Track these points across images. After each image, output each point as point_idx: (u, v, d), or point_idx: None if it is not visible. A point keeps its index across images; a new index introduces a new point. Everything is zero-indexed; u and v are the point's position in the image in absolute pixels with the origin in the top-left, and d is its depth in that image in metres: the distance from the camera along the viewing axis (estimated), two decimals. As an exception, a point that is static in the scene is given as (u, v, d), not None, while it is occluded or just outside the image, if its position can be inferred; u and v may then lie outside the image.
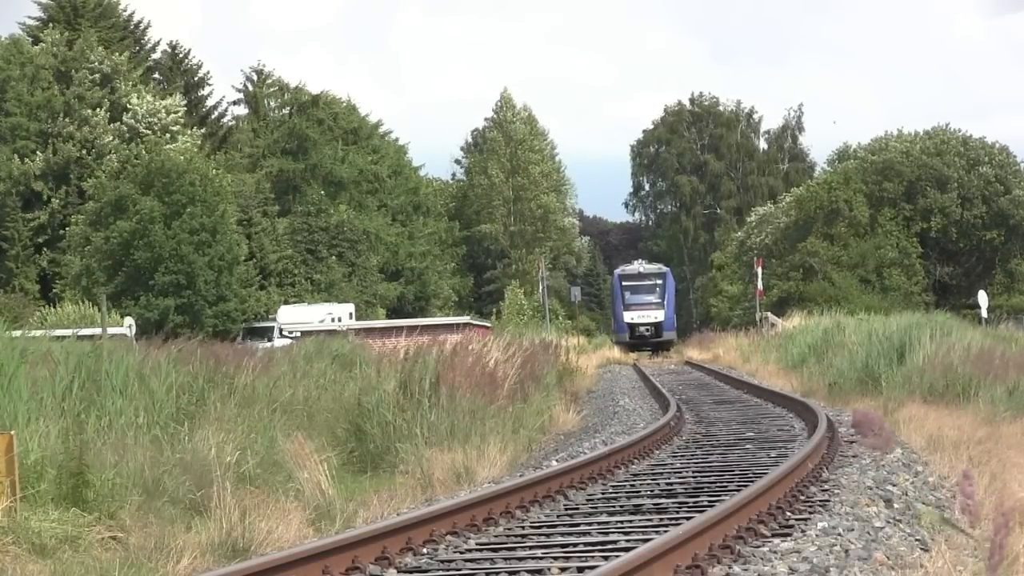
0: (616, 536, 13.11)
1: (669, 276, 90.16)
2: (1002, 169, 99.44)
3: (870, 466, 18.36)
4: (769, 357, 53.93)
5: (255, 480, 17.41)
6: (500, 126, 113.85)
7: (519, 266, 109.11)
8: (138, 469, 15.69)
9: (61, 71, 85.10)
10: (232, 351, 30.74)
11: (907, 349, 37.09)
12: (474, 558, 12.39)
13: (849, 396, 33.47)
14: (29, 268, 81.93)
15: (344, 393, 25.57)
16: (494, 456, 21.32)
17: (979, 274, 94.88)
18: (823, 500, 15.25)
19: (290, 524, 15.23)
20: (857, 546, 12.34)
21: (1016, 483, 15.08)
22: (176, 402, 20.21)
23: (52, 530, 13.23)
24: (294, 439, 20.52)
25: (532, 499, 15.72)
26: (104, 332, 40.82)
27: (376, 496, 17.87)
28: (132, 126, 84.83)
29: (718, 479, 17.48)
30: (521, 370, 32.98)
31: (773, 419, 27.83)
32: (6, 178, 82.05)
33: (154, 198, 74.71)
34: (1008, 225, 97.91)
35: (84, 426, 15.87)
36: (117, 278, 73.70)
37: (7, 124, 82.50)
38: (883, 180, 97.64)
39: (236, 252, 77.61)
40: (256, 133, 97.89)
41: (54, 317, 61.72)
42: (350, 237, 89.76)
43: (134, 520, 14.41)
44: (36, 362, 18.40)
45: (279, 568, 10.83)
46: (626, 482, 17.86)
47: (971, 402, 26.82)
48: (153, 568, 12.57)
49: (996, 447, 18.05)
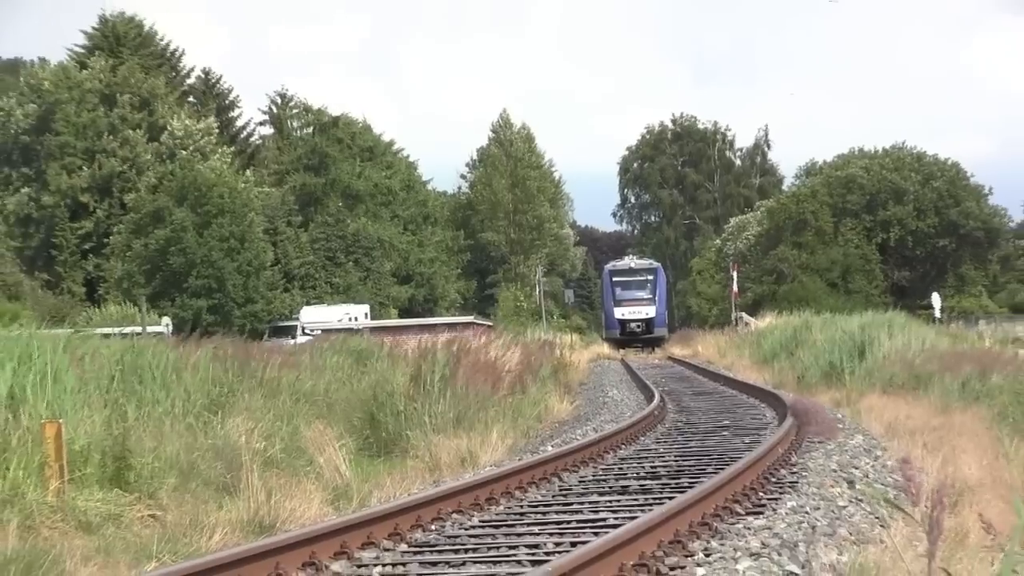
0: (605, 514, 13.12)
1: (660, 271, 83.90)
2: (953, 184, 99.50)
3: (834, 451, 18.40)
4: (744, 353, 53.94)
5: (280, 464, 17.42)
6: (501, 144, 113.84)
7: (518, 271, 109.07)
8: (175, 454, 15.70)
9: (105, 94, 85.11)
10: (259, 348, 30.77)
11: (868, 346, 37.15)
12: (477, 534, 12.41)
13: (816, 388, 33.50)
14: (76, 272, 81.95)
15: (360, 385, 25.60)
16: (495, 442, 21.33)
17: (932, 278, 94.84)
18: (792, 482, 15.27)
19: (311, 503, 15.23)
20: (823, 523, 12.35)
21: (966, 466, 15.09)
22: (209, 393, 20.21)
23: (97, 509, 13.23)
24: (315, 427, 20.55)
25: (530, 481, 15.74)
26: (143, 330, 40.81)
27: (389, 478, 17.88)
28: (169, 145, 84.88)
29: (697, 463, 17.50)
30: (520, 364, 33.03)
31: (747, 409, 27.86)
32: (55, 191, 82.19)
33: (187, 209, 74.82)
34: (958, 234, 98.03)
35: (126, 415, 15.87)
36: (155, 281, 73.79)
37: (56, 142, 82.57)
38: (846, 193, 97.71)
39: (263, 258, 77.70)
40: (281, 151, 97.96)
41: (99, 317, 61.64)
42: (365, 245, 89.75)
43: (171, 500, 14.42)
44: (83, 357, 18.40)
45: (302, 543, 10.84)
46: (614, 465, 17.88)
47: (926, 393, 26.83)
48: (188, 543, 12.57)
49: (948, 434, 18.06)
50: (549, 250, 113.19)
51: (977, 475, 14.66)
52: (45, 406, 14.86)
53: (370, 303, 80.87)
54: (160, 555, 11.85)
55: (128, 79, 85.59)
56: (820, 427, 21.12)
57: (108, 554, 11.93)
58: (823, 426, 21.19)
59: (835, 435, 20.47)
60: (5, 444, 13.28)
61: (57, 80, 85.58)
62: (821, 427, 21.12)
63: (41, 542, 11.73)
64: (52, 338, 18.15)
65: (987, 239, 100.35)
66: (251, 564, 10.02)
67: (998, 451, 15.49)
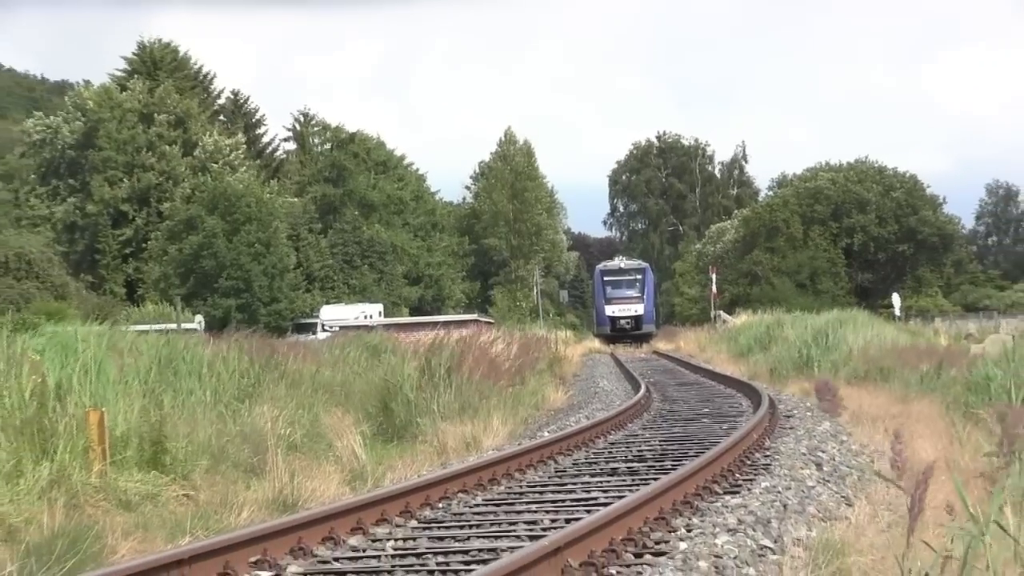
0: (597, 494, 13.12)
1: (649, 271, 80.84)
2: (911, 194, 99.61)
3: (804, 436, 18.37)
4: (722, 348, 53.85)
5: (302, 448, 17.43)
6: (503, 159, 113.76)
7: (517, 273, 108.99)
8: (206, 439, 15.70)
9: (144, 113, 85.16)
10: (283, 343, 30.78)
11: (835, 341, 37.13)
12: (481, 511, 12.41)
13: (787, 379, 33.43)
14: (117, 275, 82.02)
15: (374, 377, 25.56)
16: (497, 428, 21.33)
17: (892, 280, 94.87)
18: (765, 464, 15.26)
19: (330, 484, 15.23)
20: (794, 502, 12.35)
21: (922, 450, 15.07)
22: (238, 384, 20.21)
23: (136, 489, 13.24)
24: (333, 414, 20.58)
25: (528, 463, 15.75)
26: (178, 327, 40.77)
27: (400, 461, 17.88)
28: (201, 159, 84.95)
29: (680, 447, 17.49)
30: (519, 358, 33.03)
31: (725, 398, 27.83)
32: (99, 201, 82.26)
33: (218, 217, 74.87)
34: (916, 240, 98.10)
35: (162, 404, 15.87)
36: (188, 282, 73.83)
37: (99, 157, 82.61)
38: (814, 203, 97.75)
39: (286, 262, 77.72)
40: (303, 164, 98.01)
41: (138, 315, 61.57)
42: (379, 249, 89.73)
43: (203, 480, 14.42)
44: (124, 351, 18.41)
45: (322, 519, 10.85)
46: (605, 449, 17.87)
47: (887, 384, 26.79)
48: (219, 520, 12.57)
49: (907, 421, 18.04)
50: (545, 255, 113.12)
51: (932, 457, 14.64)
52: (89, 396, 14.85)
53: (383, 302, 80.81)
54: (193, 530, 11.85)
55: (164, 100, 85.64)
56: (831, 404, 20.92)
57: (146, 529, 11.94)
58: (833, 403, 21.00)
59: (839, 412, 20.36)
60: (53, 430, 13.28)
61: (100, 100, 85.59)
62: (831, 404, 20.92)
63: (85, 519, 11.73)
64: (95, 334, 18.16)
65: (942, 244, 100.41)
66: (276, 539, 10.04)
67: (952, 436, 15.47)
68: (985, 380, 18.59)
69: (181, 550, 9.36)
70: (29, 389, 13.71)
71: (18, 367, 14.32)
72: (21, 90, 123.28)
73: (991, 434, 12.84)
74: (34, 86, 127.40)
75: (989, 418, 14.02)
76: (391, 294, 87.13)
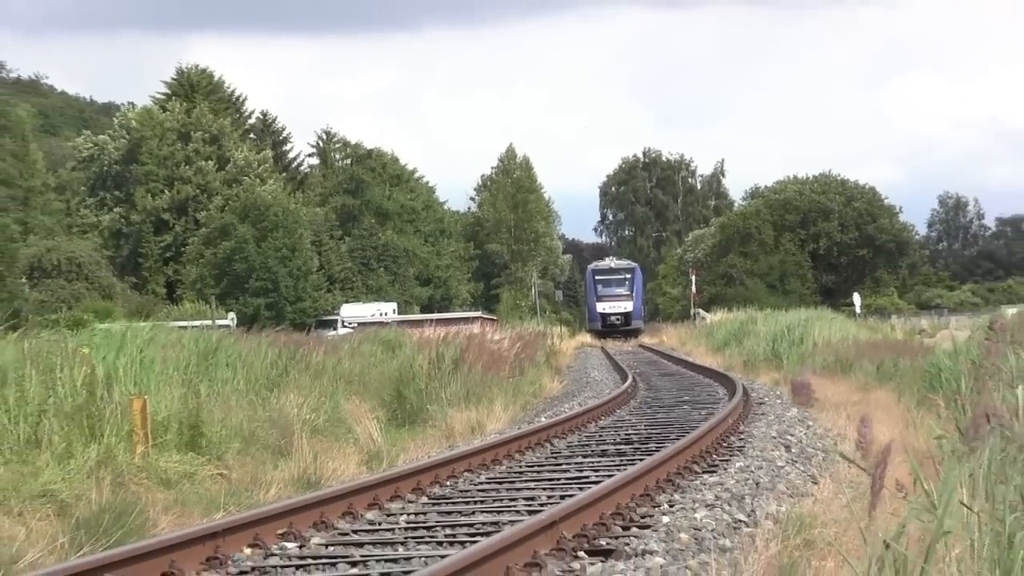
0: (588, 472, 13.11)
1: (638, 271, 79.09)
2: (870, 204, 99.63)
3: (774, 422, 18.36)
4: (701, 342, 53.83)
5: (324, 432, 17.42)
6: (505, 172, 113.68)
7: (517, 275, 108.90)
8: (239, 423, 15.69)
9: (181, 132, 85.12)
10: (307, 338, 30.75)
11: (802, 336, 37.11)
12: (484, 488, 12.41)
13: (759, 370, 33.42)
14: (158, 276, 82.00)
15: (389, 368, 25.57)
16: (499, 414, 21.34)
17: (853, 281, 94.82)
18: (740, 446, 15.26)
19: (349, 464, 15.23)
20: (765, 480, 12.35)
21: (880, 433, 15.04)
22: (267, 374, 20.19)
23: (175, 468, 13.23)
24: (352, 402, 20.56)
25: (527, 445, 15.74)
26: (213, 323, 40.74)
27: (412, 443, 17.89)
28: (233, 173, 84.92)
29: (663, 430, 17.49)
30: (519, 351, 32.99)
31: (703, 387, 27.82)
32: (141, 210, 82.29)
33: (248, 225, 74.81)
34: (874, 245, 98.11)
35: (199, 392, 15.86)
36: (222, 283, 73.77)
37: (142, 171, 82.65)
38: (784, 212, 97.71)
39: (309, 264, 77.68)
40: (325, 177, 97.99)
41: (176, 312, 61.60)
42: (393, 254, 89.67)
43: (235, 461, 14.42)
44: (165, 345, 18.39)
45: (342, 496, 10.85)
46: (596, 433, 17.87)
47: (849, 375, 26.77)
48: (249, 496, 12.57)
49: (867, 407, 18.03)
50: (542, 258, 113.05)
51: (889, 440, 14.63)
52: (134, 385, 14.86)
53: (397, 301, 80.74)
54: (227, 506, 11.85)
55: (200, 119, 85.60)
56: (804, 398, 21.05)
57: (184, 505, 11.94)
58: (805, 396, 21.12)
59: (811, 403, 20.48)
60: (101, 416, 13.28)
61: (143, 120, 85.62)
62: (804, 398, 21.04)
63: (129, 495, 11.73)
64: (140, 330, 18.15)
65: (897, 249, 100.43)
66: (301, 513, 10.04)
67: (907, 421, 15.45)
68: (937, 370, 18.54)
69: (216, 523, 9.36)
70: (80, 379, 13.71)
71: (70, 359, 14.31)
72: (72, 111, 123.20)
73: (940, 418, 12.83)
74: (83, 107, 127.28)
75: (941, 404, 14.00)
76: (404, 294, 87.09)
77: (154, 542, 8.58)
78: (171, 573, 8.21)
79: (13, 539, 9.55)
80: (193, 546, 8.63)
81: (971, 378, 12.52)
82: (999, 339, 9.06)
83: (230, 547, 8.94)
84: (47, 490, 11.36)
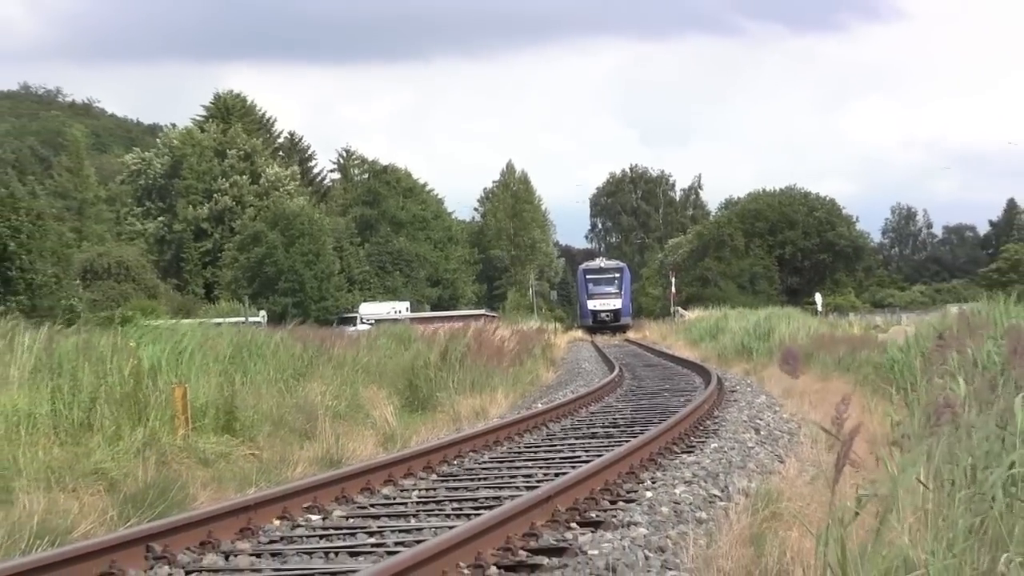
0: (580, 452, 13.10)
1: (626, 271, 76.20)
2: (830, 214, 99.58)
3: (745, 407, 18.32)
4: (679, 337, 53.72)
5: (344, 416, 17.40)
6: (505, 185, 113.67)
7: (517, 277, 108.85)
8: (269, 409, 15.69)
9: (218, 150, 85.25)
10: (330, 333, 30.73)
11: (770, 331, 37.03)
12: (487, 467, 12.39)
13: (732, 362, 33.35)
14: (198, 278, 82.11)
15: (403, 359, 25.56)
16: (500, 400, 21.33)
17: (815, 282, 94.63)
18: (714, 429, 15.24)
19: (367, 445, 15.22)
20: (737, 459, 12.34)
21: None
22: (294, 365, 20.18)
23: (212, 449, 13.23)
24: (370, 390, 20.54)
25: (525, 429, 15.73)
26: (246, 320, 40.73)
27: (424, 427, 17.86)
28: (265, 186, 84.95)
29: (646, 415, 17.46)
30: (518, 345, 32.98)
31: (682, 376, 27.80)
32: (183, 220, 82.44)
33: (278, 233, 74.86)
34: (834, 251, 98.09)
35: (234, 381, 15.86)
36: (254, 284, 73.82)
37: (183, 185, 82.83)
38: (754, 221, 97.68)
39: (332, 268, 77.74)
40: (345, 190, 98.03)
41: (213, 311, 61.61)
42: (406, 258, 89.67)
43: (266, 442, 14.41)
44: (205, 339, 18.39)
45: (360, 474, 10.84)
46: (586, 417, 17.84)
47: (811, 366, 26.69)
48: (278, 474, 12.56)
49: (827, 395, 18.00)
50: (539, 262, 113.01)
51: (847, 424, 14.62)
52: (176, 374, 14.85)
53: (410, 300, 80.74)
54: (258, 482, 11.83)
55: (235, 139, 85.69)
56: (792, 367, 20.68)
57: (220, 481, 11.93)
58: (794, 367, 20.75)
59: (799, 375, 20.14)
60: (146, 402, 13.27)
61: (184, 139, 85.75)
62: (792, 368, 20.68)
63: (171, 473, 11.73)
64: (180, 327, 18.16)
65: (854, 254, 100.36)
66: (324, 489, 10.03)
67: (863, 407, 15.44)
68: (891, 362, 18.52)
69: (248, 498, 9.35)
70: (128, 369, 13.70)
71: (120, 352, 14.31)
72: (121, 131, 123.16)
73: (893, 405, 12.81)
74: (131, 128, 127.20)
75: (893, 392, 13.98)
76: (416, 294, 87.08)
77: (194, 514, 8.57)
78: (209, 542, 8.20)
79: (68, 512, 9.55)
80: (228, 518, 8.62)
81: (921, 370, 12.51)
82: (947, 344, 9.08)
83: (261, 519, 8.93)
84: (98, 469, 11.35)
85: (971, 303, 23.47)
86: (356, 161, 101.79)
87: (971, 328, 10.48)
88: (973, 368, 7.86)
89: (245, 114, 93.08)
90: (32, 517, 8.98)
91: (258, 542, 8.47)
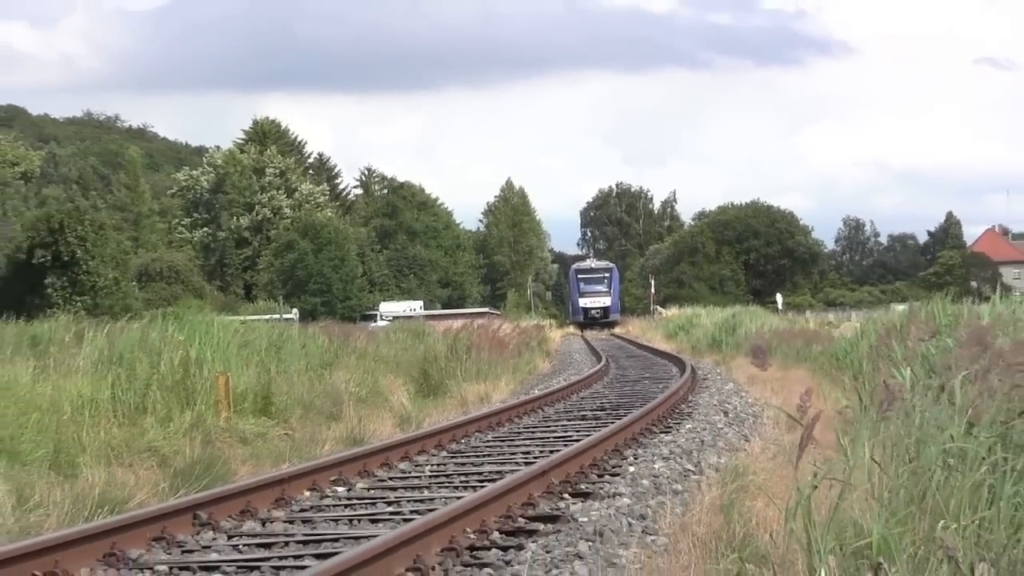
0: (572, 432, 13.06)
1: (615, 271, 73.35)
2: (789, 225, 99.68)
3: (715, 393, 18.29)
4: (658, 332, 53.71)
5: (366, 401, 17.40)
6: (506, 200, 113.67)
7: (516, 280, 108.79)
8: (300, 394, 15.68)
9: (256, 168, 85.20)
10: (353, 328, 30.71)
11: (737, 327, 36.99)
12: (491, 445, 12.37)
13: (703, 354, 33.30)
14: (238, 281, 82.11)
15: (417, 351, 25.55)
16: (502, 387, 21.31)
17: (776, 284, 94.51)
18: (688, 412, 15.22)
19: (385, 426, 15.22)
20: (708, 439, 12.32)
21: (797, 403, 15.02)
22: (322, 356, 20.19)
23: (251, 429, 13.23)
24: (388, 378, 20.54)
25: (524, 412, 15.71)
26: (280, 318, 40.70)
27: (435, 410, 17.85)
28: (298, 200, 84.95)
29: (629, 400, 17.42)
30: (518, 339, 32.94)
31: (660, 366, 27.75)
32: (226, 229, 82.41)
33: (308, 241, 74.82)
34: (793, 257, 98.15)
35: (269, 370, 15.86)
36: (287, 286, 73.72)
37: (226, 199, 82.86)
38: (723, 231, 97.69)
39: (355, 271, 77.66)
40: (367, 204, 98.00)
41: (252, 309, 61.54)
42: (420, 263, 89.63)
43: (298, 423, 14.41)
44: (244, 334, 18.38)
45: (380, 451, 10.83)
46: (577, 402, 17.81)
47: (773, 357, 26.59)
48: (308, 451, 12.55)
49: (786, 383, 17.98)
50: (535, 267, 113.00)
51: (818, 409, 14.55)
52: (219, 364, 14.85)
53: (423, 300, 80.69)
54: (291, 459, 11.82)
55: (271, 159, 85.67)
56: (761, 361, 20.52)
57: (258, 458, 11.92)
58: (762, 360, 20.60)
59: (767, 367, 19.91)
60: (193, 388, 13.28)
61: (226, 160, 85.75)
62: (761, 361, 20.51)
63: (215, 451, 11.72)
64: (223, 322, 18.14)
65: (811, 260, 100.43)
66: (348, 464, 10.02)
67: (818, 393, 15.41)
68: (844, 353, 18.51)
69: (282, 472, 9.34)
70: (177, 360, 13.71)
71: (170, 345, 14.31)
72: (172, 152, 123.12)
73: (845, 390, 12.79)
74: (180, 149, 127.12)
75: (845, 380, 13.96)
76: (428, 294, 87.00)
77: (235, 487, 8.57)
78: (248, 510, 8.19)
79: (125, 484, 9.56)
80: (265, 490, 8.61)
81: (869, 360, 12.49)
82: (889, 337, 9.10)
83: (293, 491, 8.92)
84: (151, 446, 11.35)
85: (912, 301, 23.40)
86: (376, 179, 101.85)
87: (916, 322, 10.46)
88: (915, 357, 7.86)
89: (279, 137, 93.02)
90: (94, 488, 9.01)
91: (291, 511, 8.46)
